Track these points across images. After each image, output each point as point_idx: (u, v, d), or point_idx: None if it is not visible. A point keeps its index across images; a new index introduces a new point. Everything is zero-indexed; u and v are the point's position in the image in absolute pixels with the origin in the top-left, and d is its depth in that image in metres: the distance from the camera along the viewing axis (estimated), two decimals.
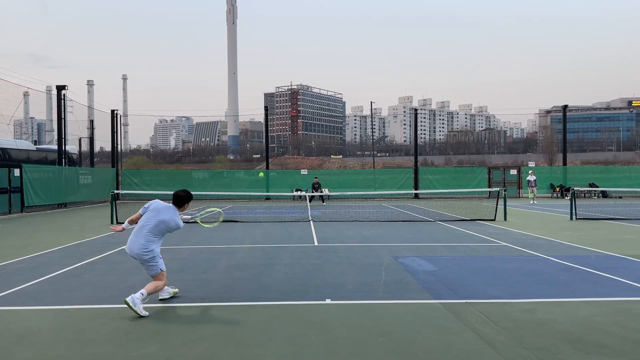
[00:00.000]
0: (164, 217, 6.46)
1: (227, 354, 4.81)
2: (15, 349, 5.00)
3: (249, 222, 18.10)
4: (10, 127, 30.14)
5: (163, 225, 6.46)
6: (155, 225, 6.42)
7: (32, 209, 24.55)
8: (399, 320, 5.84)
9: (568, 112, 39.47)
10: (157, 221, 6.43)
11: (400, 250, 11.19)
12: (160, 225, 6.44)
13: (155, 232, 6.42)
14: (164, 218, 6.45)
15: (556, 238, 13.11)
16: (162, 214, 6.48)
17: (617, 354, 4.74)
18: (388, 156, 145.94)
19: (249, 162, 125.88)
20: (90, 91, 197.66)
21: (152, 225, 6.41)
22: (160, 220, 6.44)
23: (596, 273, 8.49)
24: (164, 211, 6.51)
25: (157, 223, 6.43)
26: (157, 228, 6.43)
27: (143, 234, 6.39)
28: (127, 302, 6.02)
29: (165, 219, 6.46)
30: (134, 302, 6.04)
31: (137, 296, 6.10)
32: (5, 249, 11.81)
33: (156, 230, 6.43)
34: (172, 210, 6.57)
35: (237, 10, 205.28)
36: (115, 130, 35.48)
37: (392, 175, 39.33)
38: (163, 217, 6.46)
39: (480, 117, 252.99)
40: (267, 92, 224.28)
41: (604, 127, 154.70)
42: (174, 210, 6.57)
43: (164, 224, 6.46)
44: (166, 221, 6.46)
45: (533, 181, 29.86)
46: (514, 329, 5.46)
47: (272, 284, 7.80)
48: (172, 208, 6.59)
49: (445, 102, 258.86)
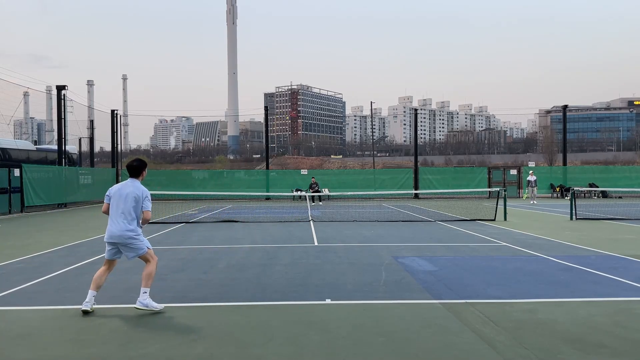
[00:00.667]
0: (128, 191, 6.31)
1: (227, 354, 4.81)
2: (15, 349, 5.00)
3: (249, 222, 18.10)
4: (10, 127, 30.18)
5: (132, 200, 6.28)
6: (126, 204, 6.27)
7: (32, 209, 24.55)
8: (399, 320, 5.84)
9: (568, 112, 39.47)
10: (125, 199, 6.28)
11: (400, 250, 11.19)
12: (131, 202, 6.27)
13: (129, 210, 6.27)
14: (128, 192, 6.31)
15: (556, 238, 13.11)
16: (125, 190, 6.33)
17: (617, 354, 4.74)
18: (388, 156, 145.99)
19: (249, 162, 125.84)
20: (90, 91, 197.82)
21: (124, 205, 6.28)
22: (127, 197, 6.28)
23: (596, 273, 8.49)
24: (124, 188, 6.37)
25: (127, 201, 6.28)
26: (129, 206, 6.27)
27: (119, 216, 6.26)
28: (137, 308, 6.10)
29: (129, 192, 6.30)
30: (144, 304, 6.09)
31: (142, 297, 6.12)
32: (5, 249, 11.82)
33: (129, 208, 6.27)
34: (131, 182, 6.42)
35: (237, 10, 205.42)
36: (115, 130, 35.49)
37: (392, 175, 39.36)
38: (128, 192, 6.31)
39: (480, 117, 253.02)
40: (267, 92, 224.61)
41: (604, 127, 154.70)
42: (132, 182, 6.42)
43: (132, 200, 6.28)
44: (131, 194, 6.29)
45: (533, 181, 29.84)
46: (514, 329, 5.46)
47: (272, 284, 7.79)
48: (129, 182, 6.44)
49: (445, 102, 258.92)
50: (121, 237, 6.25)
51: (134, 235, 6.27)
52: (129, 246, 6.30)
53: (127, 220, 6.26)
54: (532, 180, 29.81)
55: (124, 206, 6.28)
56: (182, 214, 21.91)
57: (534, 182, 29.91)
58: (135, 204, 6.29)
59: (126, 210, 6.27)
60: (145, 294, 6.18)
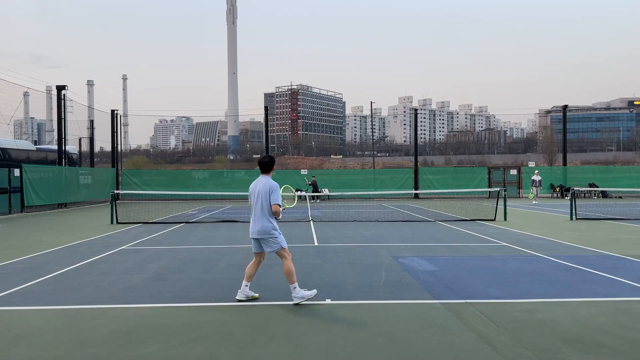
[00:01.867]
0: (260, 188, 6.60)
1: (227, 354, 4.81)
2: (15, 349, 5.00)
3: (249, 222, 18.06)
4: (10, 127, 30.15)
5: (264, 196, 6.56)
6: (260, 200, 6.56)
7: (32, 209, 24.55)
8: (399, 320, 5.84)
9: (568, 112, 39.47)
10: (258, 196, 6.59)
11: (400, 250, 11.19)
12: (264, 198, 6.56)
13: (263, 206, 6.56)
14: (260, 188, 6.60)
15: (556, 238, 13.11)
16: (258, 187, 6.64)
17: (617, 354, 4.74)
18: (388, 156, 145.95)
19: (249, 162, 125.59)
20: (90, 91, 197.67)
21: (259, 202, 6.57)
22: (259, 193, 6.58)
23: (596, 273, 8.49)
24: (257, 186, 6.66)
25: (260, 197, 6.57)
26: (263, 202, 6.56)
27: (258, 213, 6.57)
28: (297, 304, 6.39)
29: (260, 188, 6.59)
30: (299, 296, 6.42)
31: (294, 293, 6.44)
32: (5, 249, 11.82)
33: (264, 204, 6.57)
34: (263, 179, 6.70)
35: (237, 10, 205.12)
36: (115, 130, 35.48)
37: (392, 175, 39.36)
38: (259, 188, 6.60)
39: (480, 117, 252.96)
40: (267, 92, 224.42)
41: (604, 127, 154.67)
42: (264, 178, 6.70)
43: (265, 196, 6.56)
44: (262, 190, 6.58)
45: (538, 181, 29.84)
46: (514, 329, 5.46)
47: (272, 284, 7.80)
48: (261, 178, 6.72)
49: (445, 102, 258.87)
50: (259, 233, 6.60)
51: (271, 231, 6.58)
52: (266, 242, 6.61)
53: (265, 216, 6.57)
54: (537, 180, 29.80)
55: (259, 203, 6.59)
56: (182, 214, 21.91)
57: (539, 182, 29.90)
58: (268, 199, 6.57)
59: (262, 206, 6.58)
60: (295, 288, 6.44)
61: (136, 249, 11.80)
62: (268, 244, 6.61)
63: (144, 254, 10.98)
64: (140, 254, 10.98)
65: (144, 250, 11.58)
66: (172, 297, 6.97)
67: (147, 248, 11.88)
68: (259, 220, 6.58)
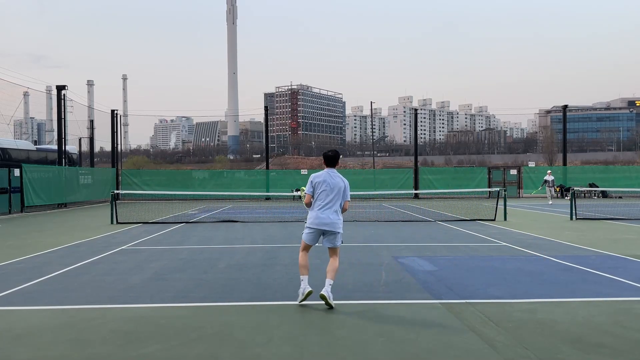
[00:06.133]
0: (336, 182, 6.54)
1: (227, 354, 4.80)
2: (15, 349, 5.00)
3: (249, 222, 18.10)
4: (10, 127, 30.13)
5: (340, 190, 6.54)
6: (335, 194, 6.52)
7: (32, 209, 24.55)
8: (399, 320, 5.84)
9: (568, 112, 39.48)
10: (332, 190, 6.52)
11: (400, 250, 11.19)
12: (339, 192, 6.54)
13: (337, 200, 6.55)
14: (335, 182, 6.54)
15: (556, 238, 13.10)
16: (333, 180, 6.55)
17: (617, 354, 4.74)
18: (388, 156, 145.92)
19: (249, 162, 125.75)
20: (90, 91, 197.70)
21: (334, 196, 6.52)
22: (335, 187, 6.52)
23: (596, 273, 8.48)
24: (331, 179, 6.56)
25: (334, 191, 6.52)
26: (338, 196, 6.54)
27: (331, 205, 6.50)
28: (324, 296, 6.25)
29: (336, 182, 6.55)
30: (330, 295, 6.30)
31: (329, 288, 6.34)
32: (5, 249, 11.82)
33: (338, 198, 6.55)
34: (334, 173, 6.63)
35: (237, 10, 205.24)
36: (115, 130, 35.48)
37: (392, 175, 39.37)
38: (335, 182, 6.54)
39: (480, 117, 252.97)
40: (267, 92, 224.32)
41: (604, 127, 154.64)
42: (334, 172, 6.64)
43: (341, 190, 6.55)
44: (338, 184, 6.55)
45: (551, 181, 29.80)
46: (514, 329, 5.46)
47: (272, 284, 7.80)
48: (331, 172, 6.63)
49: (445, 102, 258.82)
50: (331, 226, 6.49)
51: (341, 226, 6.57)
52: (333, 235, 6.57)
53: (337, 210, 6.57)
54: (550, 180, 29.76)
55: (333, 196, 6.52)
56: (182, 214, 21.91)
57: (552, 181, 29.85)
58: (342, 194, 6.57)
59: (336, 200, 6.54)
60: (331, 285, 6.39)
61: (136, 249, 11.79)
62: (334, 237, 6.56)
63: (144, 254, 10.98)
64: (140, 254, 10.98)
65: (144, 250, 11.58)
66: (172, 297, 6.97)
67: (147, 248, 11.87)
68: (334, 213, 6.50)
